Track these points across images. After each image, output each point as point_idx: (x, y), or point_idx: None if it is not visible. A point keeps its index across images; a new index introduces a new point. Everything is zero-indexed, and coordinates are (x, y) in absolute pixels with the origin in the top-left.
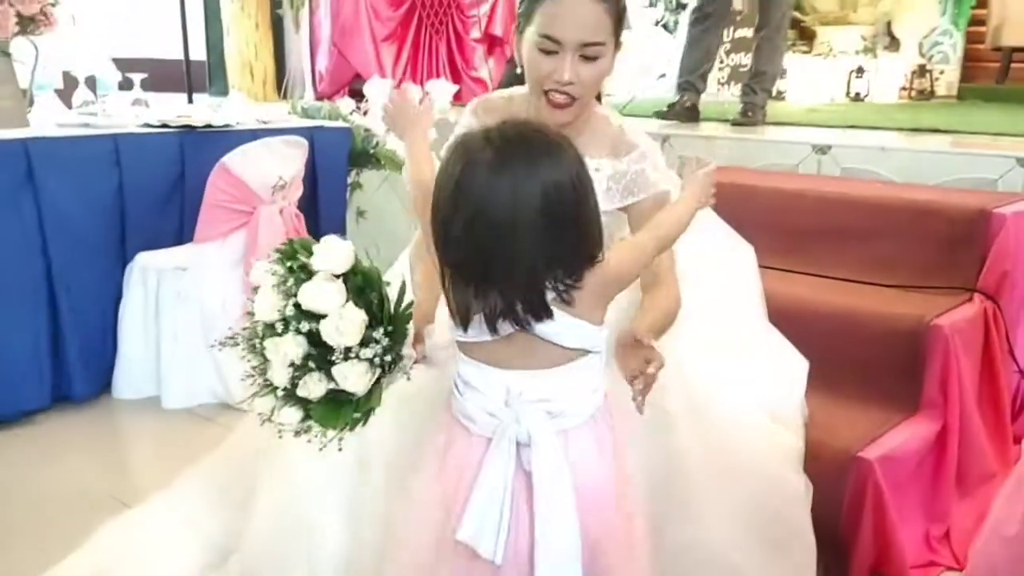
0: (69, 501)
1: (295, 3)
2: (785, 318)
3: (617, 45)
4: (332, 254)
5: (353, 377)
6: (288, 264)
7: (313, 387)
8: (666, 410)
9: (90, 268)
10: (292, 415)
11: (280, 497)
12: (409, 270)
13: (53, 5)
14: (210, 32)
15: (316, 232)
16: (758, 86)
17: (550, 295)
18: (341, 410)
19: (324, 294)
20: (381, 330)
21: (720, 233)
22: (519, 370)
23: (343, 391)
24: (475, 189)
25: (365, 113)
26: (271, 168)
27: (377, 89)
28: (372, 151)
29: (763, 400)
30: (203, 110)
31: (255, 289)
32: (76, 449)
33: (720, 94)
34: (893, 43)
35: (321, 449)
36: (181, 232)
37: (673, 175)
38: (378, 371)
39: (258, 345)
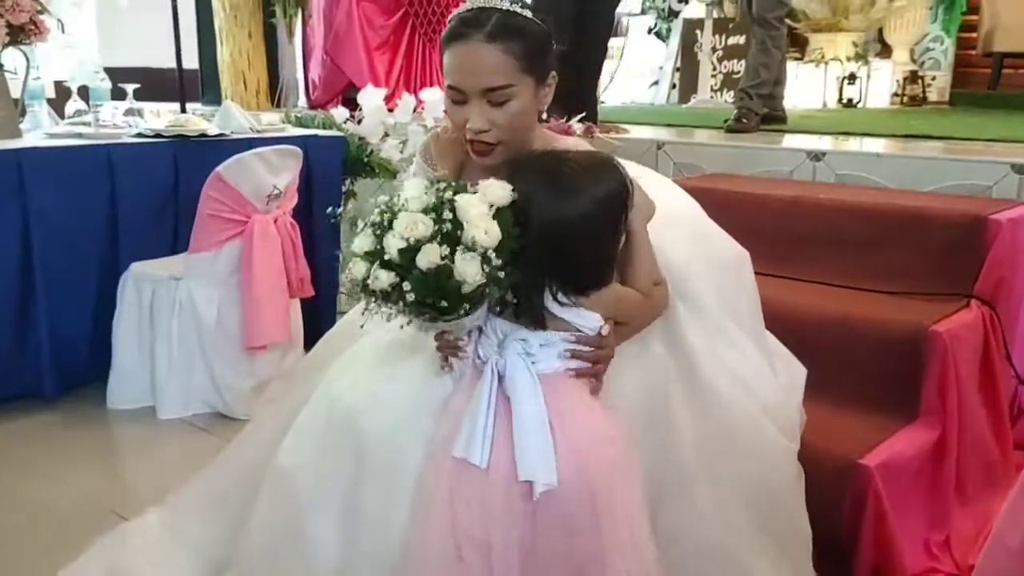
0: (63, 512)
1: (288, 12)
2: (782, 325)
3: (541, 80)
4: (496, 188)
5: (468, 268)
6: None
7: (429, 254)
8: (666, 394)
9: (83, 279)
10: (385, 277)
11: (277, 507)
12: None
13: (41, 13)
14: (203, 41)
15: (311, 242)
16: (753, 92)
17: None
18: (437, 284)
19: (477, 204)
20: (501, 260)
21: (719, 237)
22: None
23: (449, 278)
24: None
25: (359, 122)
26: (265, 177)
27: (371, 98)
28: (366, 159)
29: (762, 401)
30: (197, 119)
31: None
32: (70, 460)
33: (714, 101)
34: (885, 49)
35: (389, 320)
36: (175, 242)
37: (667, 180)
38: (483, 282)
39: (385, 221)
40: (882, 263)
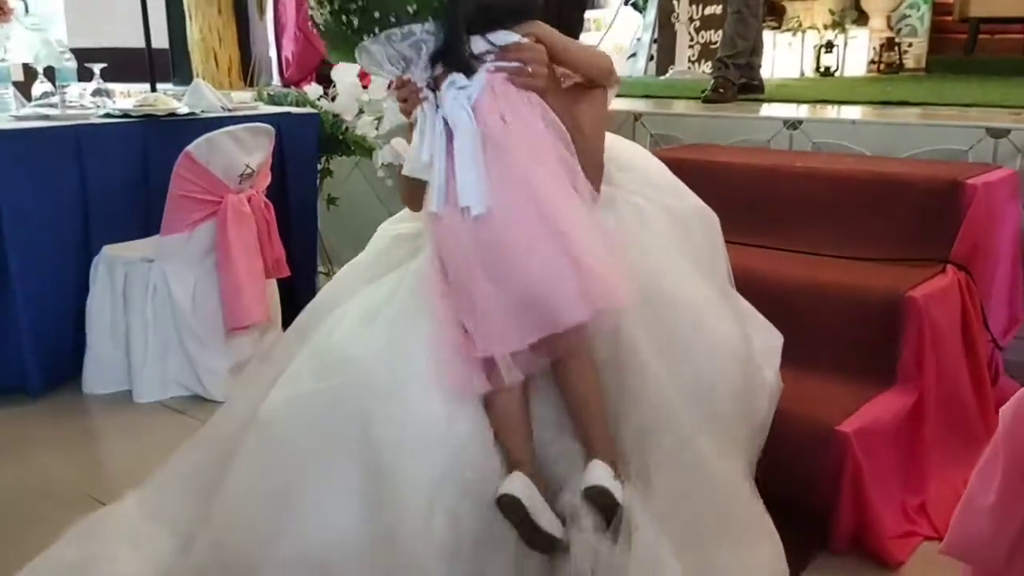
0: (41, 499)
1: None
2: (758, 293)
3: None
4: None
5: None
6: None
7: None
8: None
9: (52, 262)
10: None
11: (257, 460)
12: None
13: None
14: (172, 19)
15: (286, 221)
16: (730, 61)
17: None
18: None
19: None
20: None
21: (682, 191)
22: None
23: None
24: None
25: (333, 99)
26: (237, 156)
27: (345, 75)
28: (341, 137)
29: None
30: (166, 99)
31: None
32: (47, 446)
33: (692, 72)
34: (861, 17)
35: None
36: (147, 224)
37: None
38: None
39: None
40: (858, 230)
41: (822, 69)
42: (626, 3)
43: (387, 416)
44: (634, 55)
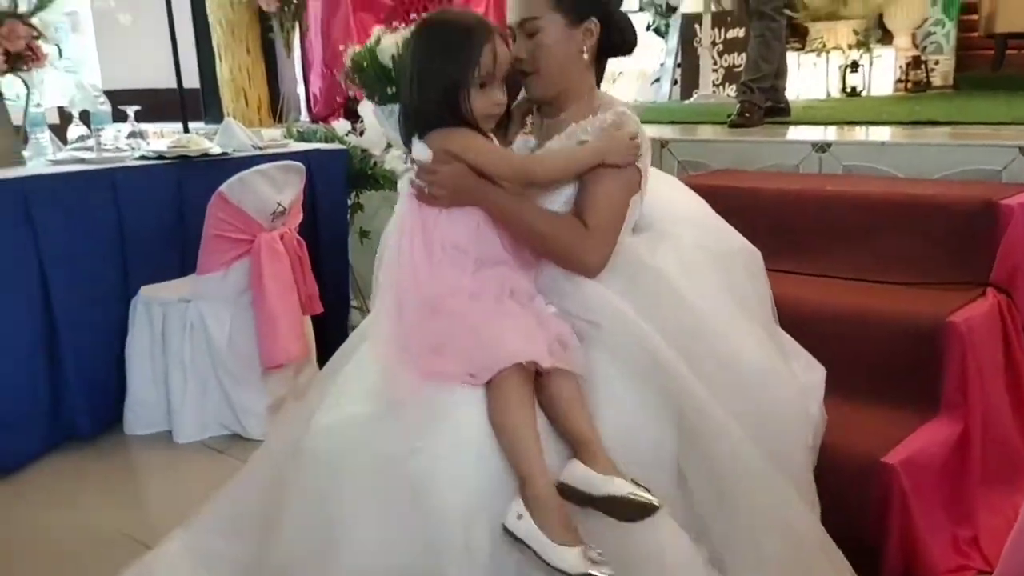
0: (85, 542)
1: (285, 26)
2: (794, 321)
3: (574, 21)
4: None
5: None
6: None
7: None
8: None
9: (93, 305)
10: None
11: (307, 492)
12: None
13: (37, 39)
14: (202, 59)
15: (318, 257)
16: (755, 85)
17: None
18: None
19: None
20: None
21: (728, 230)
22: None
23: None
24: None
25: (361, 133)
26: (269, 194)
27: (372, 109)
28: (370, 171)
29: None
30: (199, 139)
31: None
32: (89, 489)
33: (716, 96)
34: (886, 36)
35: None
36: (183, 263)
37: (674, 179)
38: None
39: None
40: (894, 254)
41: (848, 89)
42: (648, 29)
43: (423, 449)
44: (658, 80)
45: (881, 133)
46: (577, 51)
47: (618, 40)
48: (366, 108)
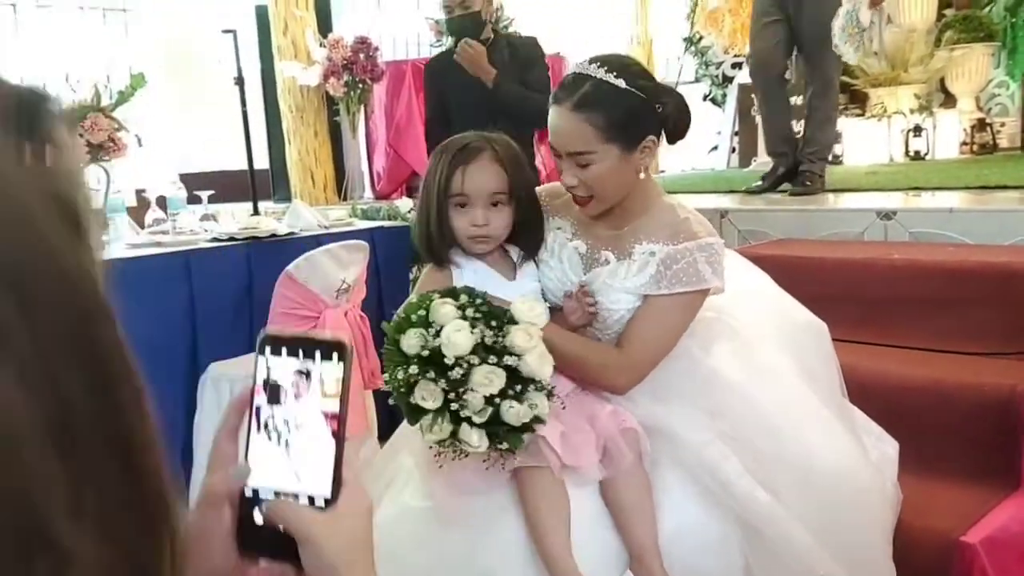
0: None
1: (351, 109)
2: (865, 394)
3: (629, 147)
4: (534, 309)
5: (542, 403)
6: (473, 310)
7: (513, 413)
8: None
9: (163, 382)
10: (477, 437)
11: None
12: None
13: (118, 130)
14: (272, 142)
15: (381, 333)
16: (814, 156)
17: None
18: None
19: (524, 338)
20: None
21: (794, 306)
22: None
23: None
24: None
25: None
26: (334, 273)
27: None
28: None
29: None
30: (268, 220)
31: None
32: None
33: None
34: (948, 99)
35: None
36: (251, 340)
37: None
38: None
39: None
40: (967, 323)
41: (912, 153)
42: (705, 99)
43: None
44: (715, 148)
45: (948, 199)
46: (635, 172)
47: (674, 130)
48: None
